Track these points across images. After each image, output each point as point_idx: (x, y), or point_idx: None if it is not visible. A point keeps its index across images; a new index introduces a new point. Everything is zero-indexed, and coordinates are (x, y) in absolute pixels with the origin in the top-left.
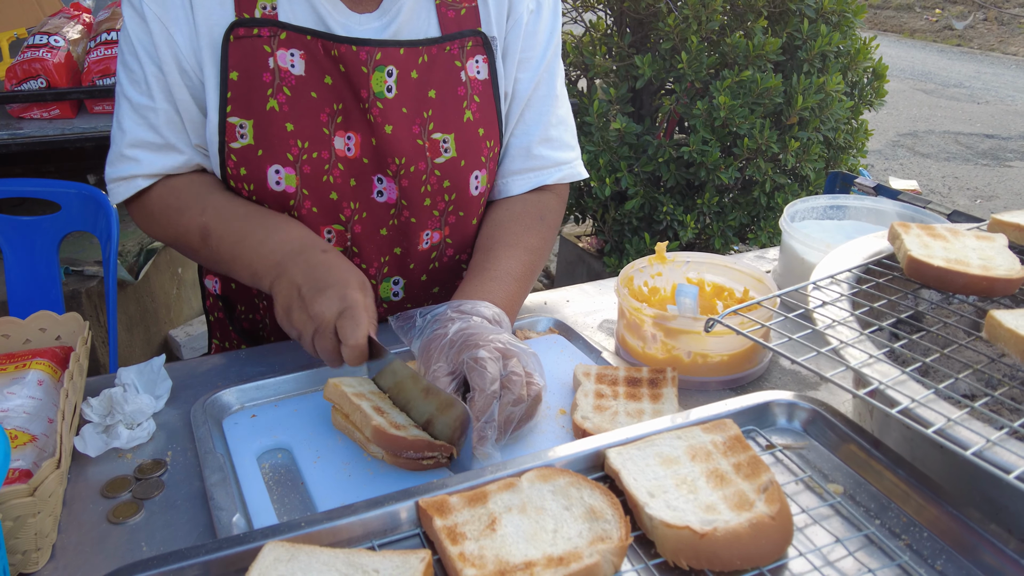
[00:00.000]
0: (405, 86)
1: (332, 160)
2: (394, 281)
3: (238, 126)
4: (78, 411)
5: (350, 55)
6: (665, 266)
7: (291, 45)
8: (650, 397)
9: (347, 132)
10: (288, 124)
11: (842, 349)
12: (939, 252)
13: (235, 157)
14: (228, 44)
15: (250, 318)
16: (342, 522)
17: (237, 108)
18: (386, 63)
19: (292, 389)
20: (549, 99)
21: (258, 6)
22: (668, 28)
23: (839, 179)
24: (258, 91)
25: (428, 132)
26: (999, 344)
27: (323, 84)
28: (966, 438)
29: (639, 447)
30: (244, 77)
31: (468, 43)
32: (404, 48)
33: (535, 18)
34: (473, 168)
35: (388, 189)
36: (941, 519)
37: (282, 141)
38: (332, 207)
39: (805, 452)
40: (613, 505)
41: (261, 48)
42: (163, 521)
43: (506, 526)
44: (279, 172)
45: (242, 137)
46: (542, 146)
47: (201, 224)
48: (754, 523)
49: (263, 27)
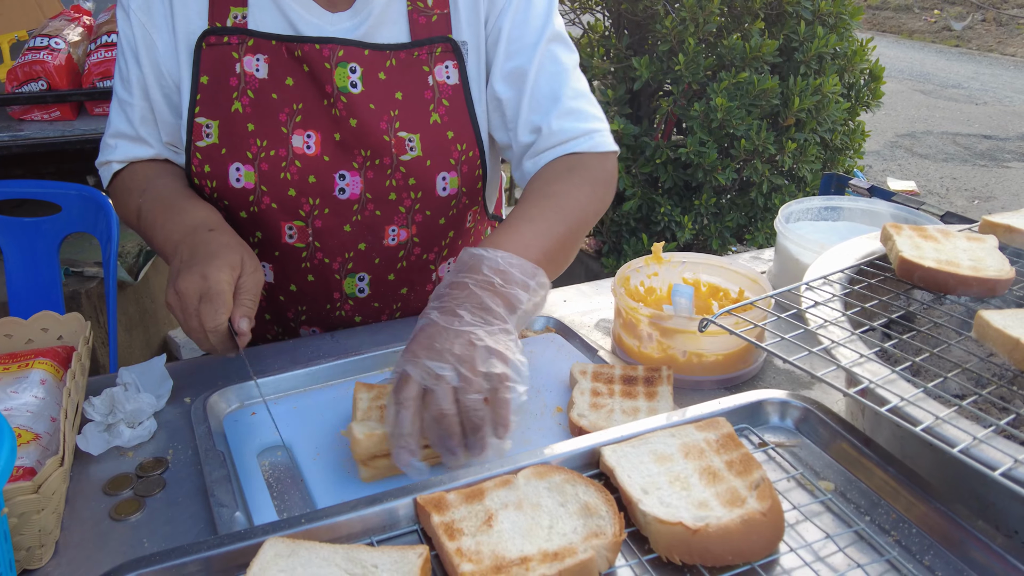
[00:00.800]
0: (372, 85)
1: (289, 157)
2: (359, 277)
3: (204, 126)
4: (80, 410)
5: (313, 53)
6: (661, 266)
7: (257, 51)
8: (646, 395)
9: (306, 131)
10: (249, 124)
11: (834, 349)
12: (930, 253)
13: (200, 155)
14: (200, 50)
15: None
16: (341, 518)
17: (205, 110)
18: (348, 60)
19: (291, 387)
20: (560, 75)
21: (230, 16)
22: (665, 30)
23: (834, 180)
24: (224, 94)
25: (395, 130)
26: (988, 344)
27: (284, 86)
28: (954, 436)
29: (633, 445)
30: (213, 81)
31: (437, 49)
32: (369, 50)
33: (525, 5)
34: (440, 169)
35: (351, 185)
36: (930, 516)
37: (243, 140)
38: (291, 203)
39: (797, 450)
40: (607, 502)
41: (229, 55)
42: (164, 518)
43: (502, 522)
44: (239, 169)
45: (207, 136)
46: (562, 119)
47: (137, 204)
48: (746, 519)
49: (232, 35)
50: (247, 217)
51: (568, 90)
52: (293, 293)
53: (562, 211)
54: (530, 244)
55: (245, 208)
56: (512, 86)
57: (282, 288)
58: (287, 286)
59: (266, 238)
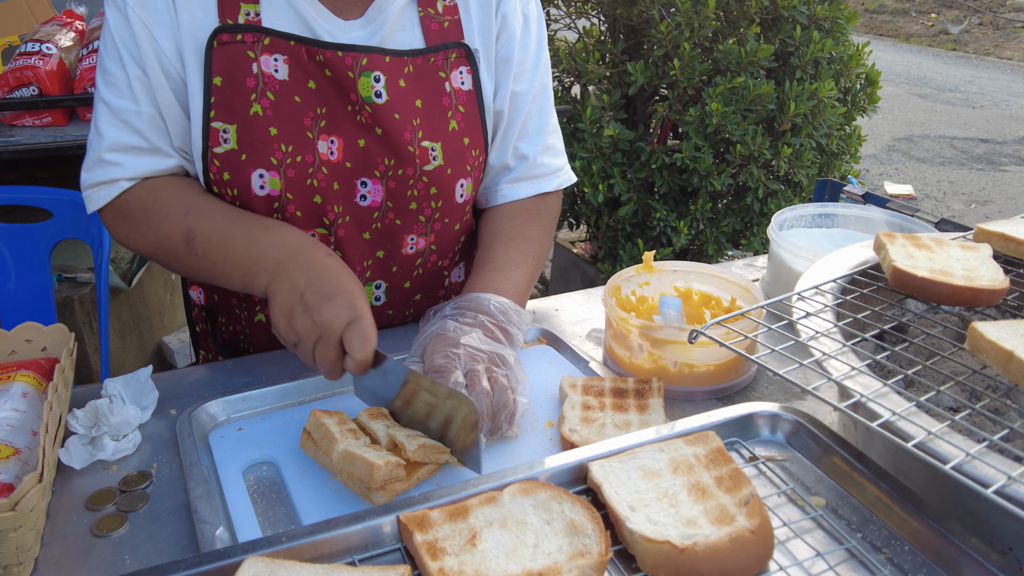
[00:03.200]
0: (395, 94)
1: (316, 164)
2: (376, 285)
3: (221, 131)
4: (63, 423)
5: (336, 60)
6: (653, 275)
7: (275, 51)
8: (637, 408)
9: (330, 136)
10: (272, 128)
11: (825, 361)
12: (923, 262)
13: (218, 162)
14: (212, 50)
15: (231, 330)
16: (323, 536)
17: (220, 113)
18: (372, 69)
19: (278, 401)
20: (547, 109)
21: (241, 12)
22: (661, 35)
23: (828, 187)
24: (241, 96)
25: (418, 140)
26: (981, 356)
27: (307, 88)
28: (946, 451)
29: (621, 460)
30: (227, 82)
31: (452, 55)
32: (390, 56)
33: (525, 31)
34: (459, 176)
35: (372, 192)
36: (922, 532)
37: (266, 145)
38: (316, 210)
39: (788, 464)
40: (594, 519)
41: (244, 54)
42: (147, 534)
43: (487, 541)
44: (263, 176)
45: (225, 142)
46: (544, 155)
47: (186, 227)
48: (734, 537)
49: (246, 33)
50: None
51: (550, 125)
52: None
53: (537, 258)
54: (519, 289)
55: (268, 216)
56: (512, 109)
57: None
58: None
59: None
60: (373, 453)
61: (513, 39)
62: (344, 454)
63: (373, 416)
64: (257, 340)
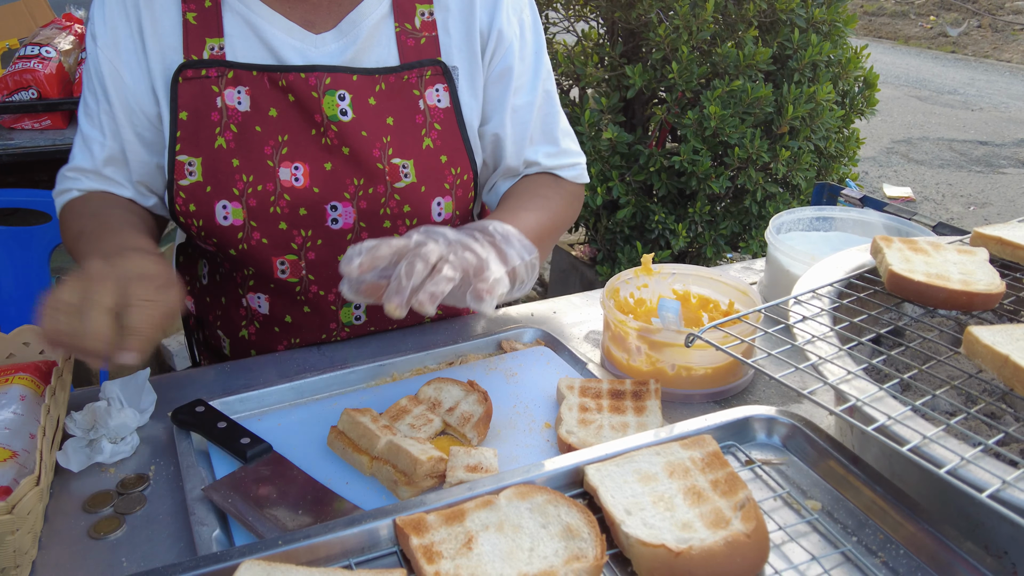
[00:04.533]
0: (362, 111)
1: (278, 191)
2: (355, 306)
3: (187, 164)
4: (61, 425)
5: (299, 82)
6: (651, 278)
7: (238, 83)
8: (634, 410)
9: (294, 163)
10: (234, 160)
11: (821, 365)
12: (920, 267)
13: (184, 194)
14: (177, 85)
15: (212, 345)
16: (319, 540)
17: (186, 147)
18: (336, 87)
19: (276, 402)
20: (553, 115)
21: (206, 48)
22: (659, 38)
23: (826, 190)
24: (207, 130)
25: (388, 157)
26: (977, 360)
27: (267, 117)
28: (941, 456)
29: (618, 463)
30: (193, 117)
31: (427, 72)
32: (357, 75)
33: (523, 43)
34: (435, 194)
35: (344, 215)
36: (917, 536)
37: (228, 177)
38: (282, 237)
39: (784, 468)
40: (590, 523)
41: (209, 88)
42: (144, 536)
43: (482, 544)
44: (226, 207)
45: (191, 175)
46: (555, 158)
47: (81, 226)
48: (729, 541)
49: (211, 68)
50: (237, 255)
51: (560, 131)
52: (289, 324)
53: (549, 210)
54: (527, 227)
55: (234, 245)
56: (516, 123)
57: (277, 319)
58: (283, 317)
59: (259, 273)
60: (417, 447)
61: (511, 52)
62: (390, 446)
63: (394, 418)
64: (239, 352)
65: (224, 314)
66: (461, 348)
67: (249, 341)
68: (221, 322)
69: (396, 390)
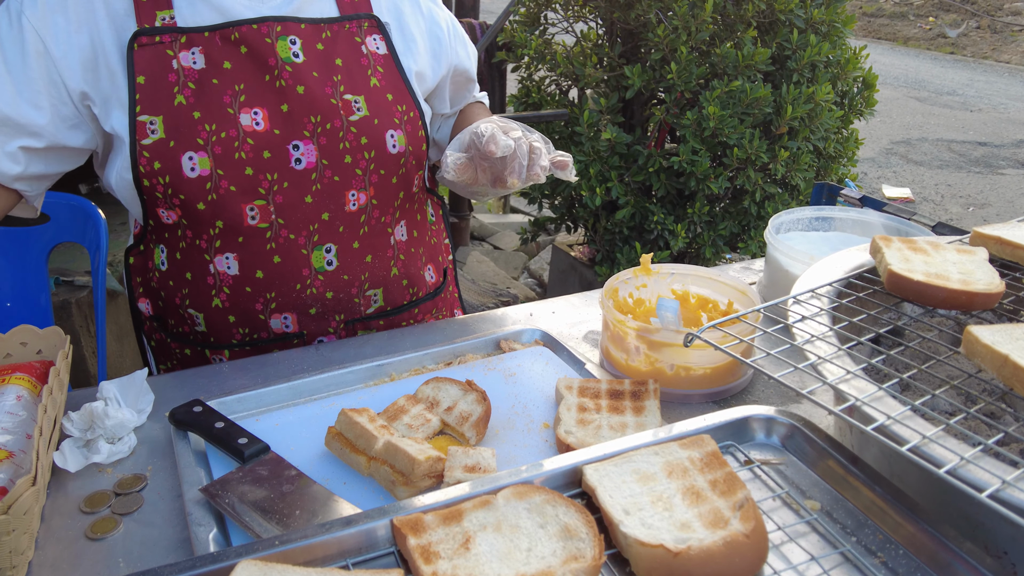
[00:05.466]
0: (312, 54)
1: (241, 137)
2: (326, 249)
3: (148, 123)
4: (58, 426)
5: (251, 33)
6: (650, 278)
7: (191, 45)
8: (633, 410)
9: (252, 108)
10: (195, 113)
11: (820, 365)
12: (919, 266)
13: (147, 153)
14: (133, 52)
15: (181, 331)
16: (316, 540)
17: (146, 107)
18: (287, 33)
19: (274, 402)
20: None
21: (157, 18)
22: (657, 38)
23: (826, 190)
24: (165, 90)
25: (340, 93)
26: (976, 360)
27: (223, 70)
28: (940, 455)
29: (616, 463)
30: (150, 80)
31: (364, 24)
32: (305, 24)
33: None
34: (388, 127)
35: (307, 154)
36: (917, 537)
37: (191, 129)
38: (250, 182)
39: (783, 468)
40: (588, 523)
41: (164, 53)
42: (141, 537)
43: (480, 544)
44: (192, 158)
45: (152, 133)
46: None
47: None
48: (728, 541)
49: (164, 34)
50: (206, 208)
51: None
52: (260, 280)
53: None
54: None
55: (203, 198)
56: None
57: (248, 278)
58: (253, 274)
59: (228, 226)
60: (415, 447)
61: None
62: (387, 446)
63: (391, 417)
64: (216, 326)
65: (192, 290)
66: (459, 348)
67: (224, 308)
68: (190, 300)
69: (395, 390)
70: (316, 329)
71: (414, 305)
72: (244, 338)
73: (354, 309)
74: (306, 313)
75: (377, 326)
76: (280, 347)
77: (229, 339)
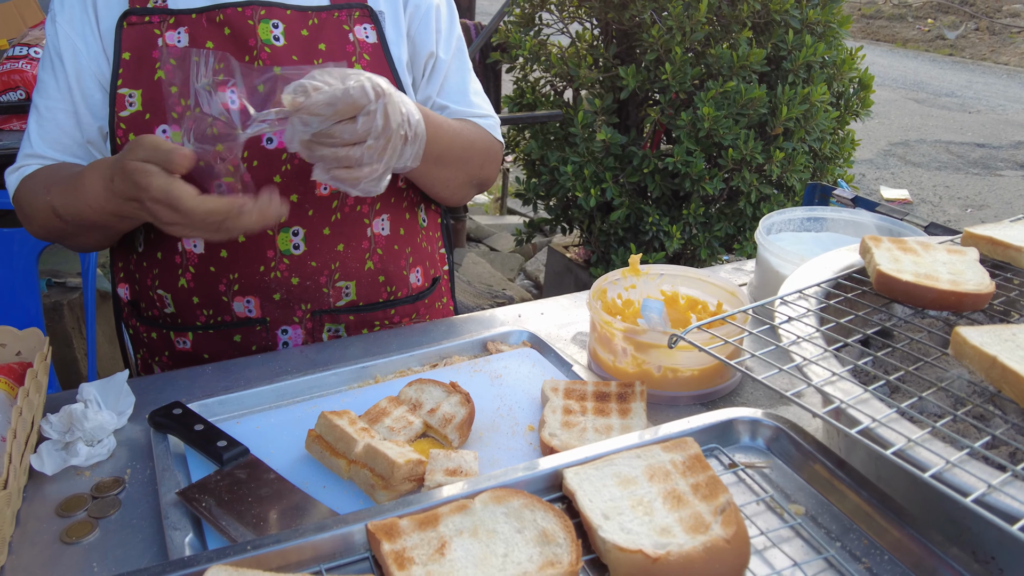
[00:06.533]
0: (295, 39)
1: None
2: (293, 231)
3: (127, 96)
4: (36, 428)
5: (235, 15)
6: (639, 279)
7: (179, 25)
8: (619, 412)
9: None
10: (172, 87)
11: (805, 366)
12: (909, 266)
13: (124, 125)
14: (121, 30)
15: (151, 314)
16: (289, 545)
17: (127, 81)
18: (271, 17)
19: (256, 404)
20: (467, 72)
21: (150, 2)
22: (652, 39)
23: (818, 191)
24: (147, 65)
25: None
26: (964, 361)
27: (205, 49)
28: (926, 459)
29: (597, 467)
30: (135, 56)
31: (355, 13)
32: (292, 10)
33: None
34: None
35: (278, 133)
36: (902, 542)
37: (167, 102)
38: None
39: (768, 471)
40: (566, 528)
41: (151, 32)
42: (117, 540)
43: (456, 550)
44: (166, 132)
45: (131, 105)
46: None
47: (47, 204)
48: (709, 546)
49: (153, 15)
50: None
51: (471, 88)
52: (224, 260)
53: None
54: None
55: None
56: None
57: (212, 257)
58: (217, 252)
59: None
60: (395, 450)
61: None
62: (367, 449)
63: (373, 420)
64: (182, 307)
65: (161, 269)
66: (446, 349)
67: (189, 288)
68: (160, 280)
69: (379, 392)
70: (280, 317)
71: (391, 305)
72: (208, 320)
73: (322, 300)
74: (270, 298)
75: (347, 321)
76: (243, 333)
77: (194, 321)
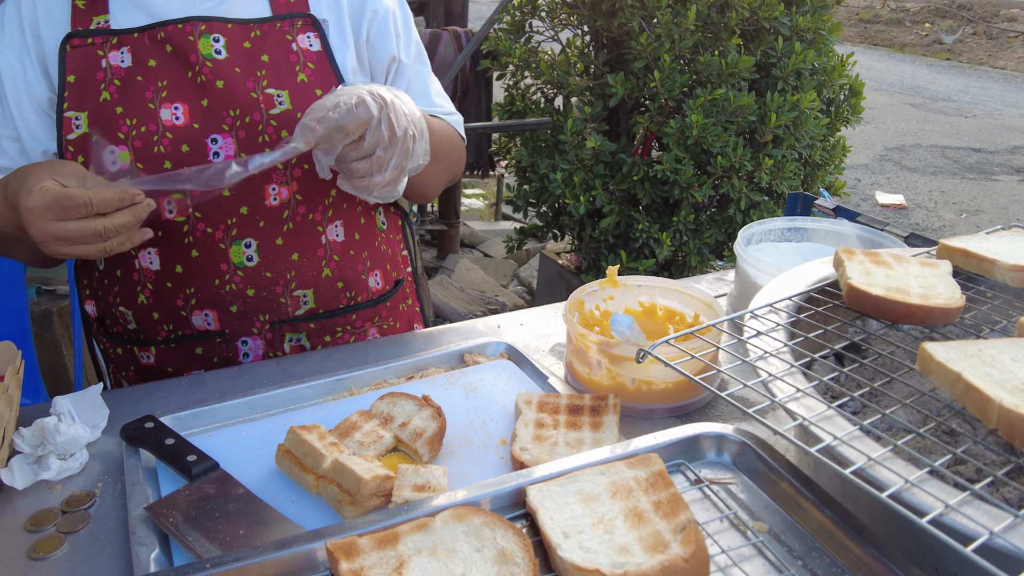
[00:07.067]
0: (236, 52)
1: (160, 131)
2: (246, 244)
3: (74, 119)
4: (8, 442)
5: (176, 32)
6: (617, 290)
7: (121, 45)
8: (591, 426)
9: (173, 103)
10: (118, 108)
11: (771, 382)
12: (880, 280)
13: (72, 148)
14: (65, 53)
15: (115, 331)
16: (250, 562)
17: (73, 104)
18: (211, 32)
19: (229, 417)
20: (427, 75)
21: (93, 22)
22: (641, 47)
23: (800, 200)
24: (92, 88)
25: (262, 87)
26: (930, 377)
27: (147, 68)
28: (886, 478)
29: (560, 484)
30: (80, 78)
31: (298, 22)
32: (233, 23)
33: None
34: None
35: (224, 147)
36: (864, 561)
37: (112, 123)
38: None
39: (734, 487)
40: (524, 547)
41: (95, 53)
42: (85, 556)
43: (413, 569)
44: (113, 152)
45: (77, 128)
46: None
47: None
48: (666, 566)
49: (96, 36)
50: None
51: (432, 88)
52: (179, 275)
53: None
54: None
55: None
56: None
57: (168, 272)
58: (173, 268)
59: (148, 220)
60: (363, 465)
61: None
62: (335, 464)
63: (343, 434)
64: (143, 323)
65: (121, 287)
66: (422, 361)
67: (149, 305)
68: (120, 297)
69: (354, 405)
70: (239, 328)
71: (351, 310)
72: (169, 335)
73: (280, 309)
74: (227, 311)
75: (308, 329)
76: (204, 346)
77: (156, 336)
